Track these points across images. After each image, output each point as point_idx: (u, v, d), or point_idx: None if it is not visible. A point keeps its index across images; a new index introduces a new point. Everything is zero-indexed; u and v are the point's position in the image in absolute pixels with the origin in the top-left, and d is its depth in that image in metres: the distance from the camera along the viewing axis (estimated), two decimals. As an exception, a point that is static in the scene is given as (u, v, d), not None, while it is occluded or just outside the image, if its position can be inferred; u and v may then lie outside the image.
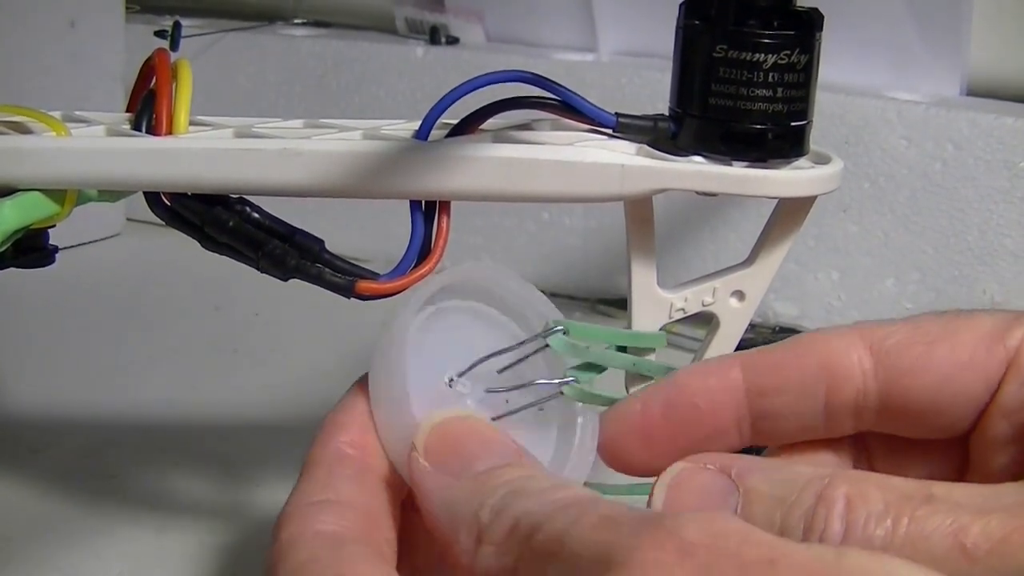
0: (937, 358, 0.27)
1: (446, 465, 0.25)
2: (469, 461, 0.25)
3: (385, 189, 0.33)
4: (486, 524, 0.23)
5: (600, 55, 0.72)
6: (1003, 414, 0.26)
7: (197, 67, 0.34)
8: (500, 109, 0.33)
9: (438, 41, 0.74)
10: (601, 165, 0.33)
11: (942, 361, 0.27)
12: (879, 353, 0.27)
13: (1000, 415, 0.26)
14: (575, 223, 0.70)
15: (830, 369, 0.27)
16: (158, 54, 0.34)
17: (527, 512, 0.23)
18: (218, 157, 0.33)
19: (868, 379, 0.27)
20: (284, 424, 0.54)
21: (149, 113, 0.34)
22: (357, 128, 0.35)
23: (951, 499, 0.23)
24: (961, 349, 0.26)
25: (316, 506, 0.26)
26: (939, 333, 0.27)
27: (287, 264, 0.33)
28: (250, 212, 0.34)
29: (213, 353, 0.63)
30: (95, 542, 0.45)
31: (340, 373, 0.60)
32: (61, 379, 0.59)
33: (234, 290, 0.67)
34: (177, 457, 0.51)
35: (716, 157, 0.33)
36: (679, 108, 0.34)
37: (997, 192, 0.60)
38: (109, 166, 0.33)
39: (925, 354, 0.27)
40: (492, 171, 0.32)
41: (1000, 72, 0.64)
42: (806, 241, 0.63)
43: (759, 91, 0.33)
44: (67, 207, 0.33)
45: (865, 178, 0.63)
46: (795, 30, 0.33)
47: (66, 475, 0.49)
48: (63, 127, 0.33)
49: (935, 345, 0.27)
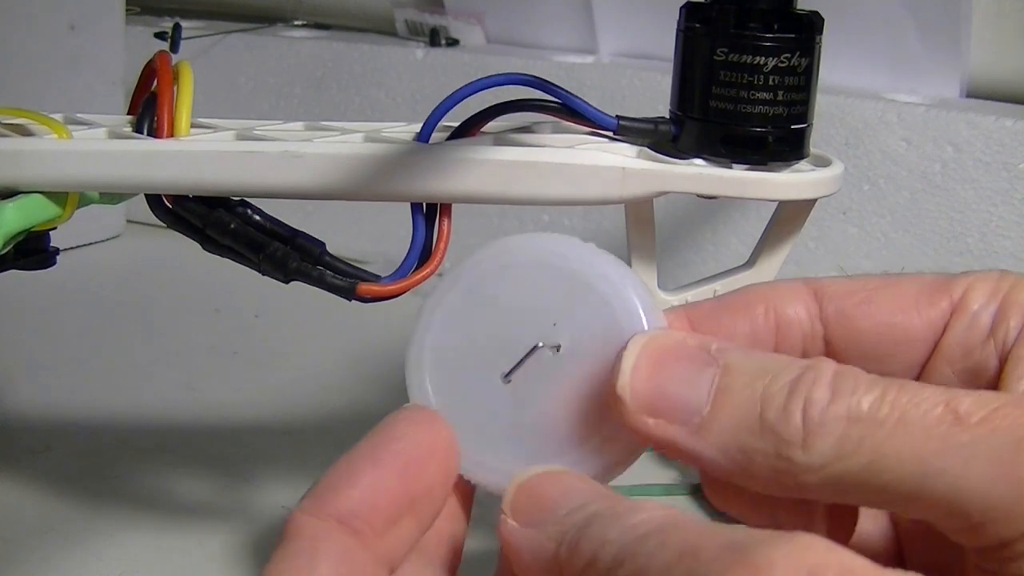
0: (880, 302, 0.26)
1: (530, 518, 0.24)
2: (552, 510, 0.24)
3: (386, 191, 0.33)
4: (564, 559, 0.22)
5: (600, 57, 0.72)
6: (947, 361, 0.26)
7: (197, 69, 0.34)
8: (501, 112, 0.33)
9: (438, 43, 0.74)
10: (602, 168, 0.33)
11: (885, 305, 0.26)
12: (823, 298, 0.27)
13: (944, 362, 0.26)
14: (575, 225, 0.70)
15: (777, 314, 0.27)
16: (159, 56, 0.34)
17: (604, 543, 0.22)
18: (219, 159, 0.33)
19: (815, 323, 0.27)
20: (284, 425, 0.54)
21: (150, 115, 0.34)
22: (358, 131, 0.35)
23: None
24: (904, 296, 0.26)
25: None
26: (882, 283, 0.27)
27: (288, 266, 0.33)
28: (251, 214, 0.34)
29: (213, 355, 0.63)
30: (95, 543, 0.45)
31: (340, 375, 0.61)
32: (61, 380, 0.59)
33: (234, 292, 0.67)
34: (177, 458, 0.51)
35: (717, 160, 0.33)
36: (680, 111, 0.34)
37: (997, 194, 0.60)
38: (110, 168, 0.33)
39: (868, 300, 0.26)
40: (493, 174, 0.32)
41: (999, 74, 0.64)
42: (806, 243, 0.63)
43: (759, 94, 0.33)
44: (68, 209, 0.33)
45: (865, 180, 0.63)
46: (795, 33, 0.33)
47: (66, 476, 0.49)
48: (64, 129, 0.33)
49: (878, 291, 0.26)
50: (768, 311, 0.27)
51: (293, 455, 0.51)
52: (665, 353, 0.24)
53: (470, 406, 0.26)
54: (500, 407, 0.26)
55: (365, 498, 0.24)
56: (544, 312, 0.26)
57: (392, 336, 0.36)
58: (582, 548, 0.22)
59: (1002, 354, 0.25)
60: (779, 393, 0.23)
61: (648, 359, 0.24)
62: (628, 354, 0.24)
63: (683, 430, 0.23)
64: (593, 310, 0.26)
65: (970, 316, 0.26)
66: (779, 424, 0.22)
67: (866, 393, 0.22)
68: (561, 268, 0.26)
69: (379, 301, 0.33)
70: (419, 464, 0.25)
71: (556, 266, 0.26)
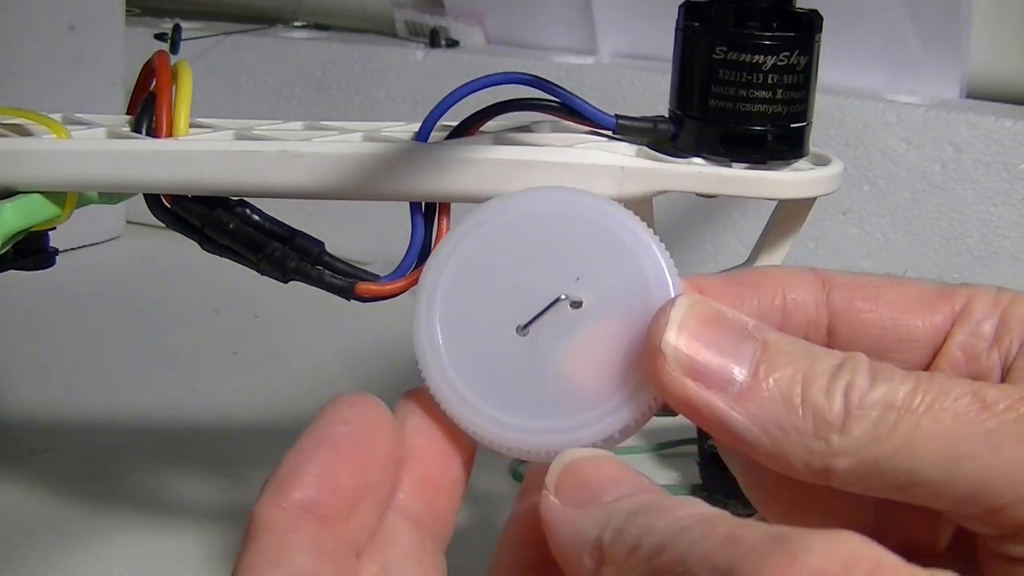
0: (887, 299, 0.27)
1: (575, 499, 0.24)
2: (597, 494, 0.24)
3: (385, 191, 0.33)
4: (608, 544, 0.22)
5: (600, 57, 0.72)
6: (950, 366, 0.26)
7: (197, 69, 0.34)
8: (500, 111, 0.33)
9: (438, 44, 0.74)
10: (601, 167, 0.33)
11: (891, 303, 0.27)
12: (832, 288, 0.27)
13: (948, 366, 0.26)
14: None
15: (785, 296, 0.27)
16: (158, 56, 0.34)
17: (649, 531, 0.22)
18: (218, 159, 0.33)
19: (820, 311, 0.27)
20: (284, 425, 0.54)
21: (149, 115, 0.34)
22: (357, 130, 0.35)
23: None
24: (909, 297, 0.27)
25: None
26: (888, 282, 0.27)
27: (287, 266, 0.33)
28: (250, 214, 0.34)
29: (213, 355, 0.63)
30: (95, 543, 0.45)
31: (340, 374, 0.61)
32: (61, 381, 0.59)
33: (234, 292, 0.67)
34: (177, 458, 0.51)
35: (716, 159, 0.33)
36: (679, 110, 0.34)
37: (996, 194, 0.60)
38: (109, 168, 0.33)
39: (875, 295, 0.27)
40: (492, 173, 0.32)
41: (999, 74, 0.64)
42: (806, 243, 0.63)
43: (759, 93, 0.33)
44: (67, 209, 0.33)
45: (865, 180, 0.63)
46: (795, 32, 0.33)
47: (66, 477, 0.49)
48: (63, 129, 0.33)
49: (885, 287, 0.27)
50: (777, 292, 0.27)
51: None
52: (710, 318, 0.24)
53: (482, 358, 0.25)
54: (514, 360, 0.25)
55: (324, 484, 0.23)
56: (567, 264, 0.25)
57: (392, 336, 0.36)
58: (627, 535, 0.22)
59: (1005, 364, 0.26)
60: (823, 375, 0.23)
61: (695, 320, 0.24)
62: (675, 313, 0.24)
63: (722, 396, 0.24)
64: (621, 268, 0.25)
65: (973, 324, 0.26)
66: (821, 405, 0.23)
67: (902, 383, 0.23)
68: (589, 221, 0.25)
69: (378, 301, 0.33)
70: (370, 446, 0.24)
71: (584, 218, 0.25)
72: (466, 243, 0.25)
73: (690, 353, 0.24)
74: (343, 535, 0.23)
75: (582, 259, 0.25)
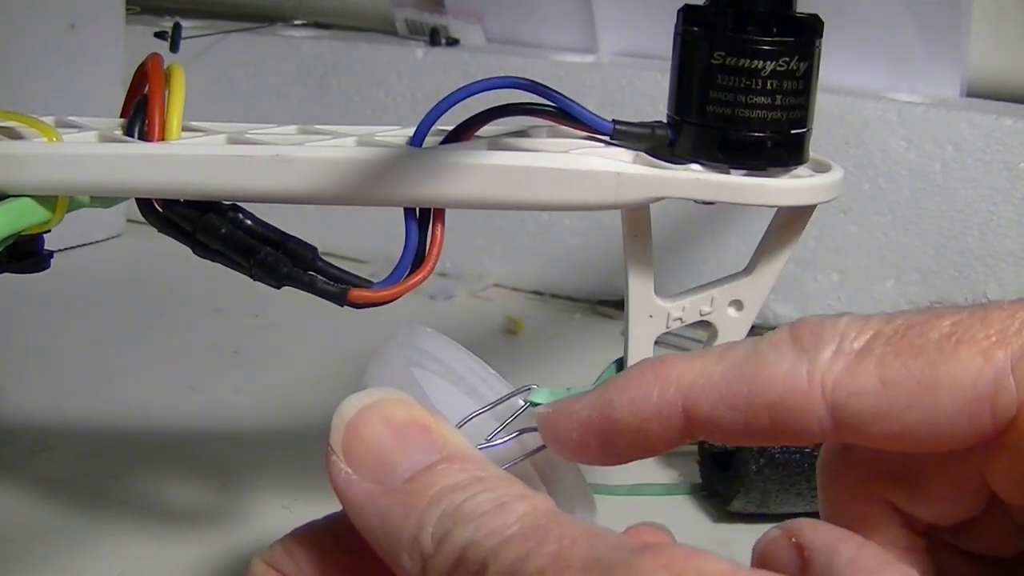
0: (911, 429, 0.24)
1: (369, 471, 0.23)
2: (391, 466, 0.23)
3: (378, 196, 0.33)
4: (430, 554, 0.22)
5: (600, 56, 0.71)
6: (1005, 504, 0.25)
7: (197, 68, 0.34)
8: (495, 116, 0.33)
9: (438, 42, 0.74)
10: (597, 173, 0.32)
11: (916, 432, 0.24)
12: (840, 413, 0.24)
13: (1002, 508, 0.25)
14: (576, 224, 0.70)
15: (784, 413, 0.25)
16: (151, 59, 0.34)
17: (473, 542, 0.21)
18: (210, 164, 0.32)
19: (827, 432, 0.25)
20: (284, 426, 0.54)
21: (142, 119, 0.34)
22: (351, 134, 0.34)
23: None
24: (940, 416, 0.23)
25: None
26: (913, 393, 0.23)
27: (279, 272, 0.33)
28: (242, 219, 0.34)
29: (213, 355, 0.63)
30: (95, 544, 0.45)
31: (340, 375, 0.61)
32: (61, 381, 0.59)
33: (234, 292, 0.67)
34: (177, 459, 0.51)
35: (714, 165, 0.33)
36: (677, 115, 0.34)
37: (997, 193, 0.60)
38: (100, 172, 0.32)
39: (896, 425, 0.24)
40: (486, 179, 0.32)
41: (1000, 73, 0.64)
42: (806, 242, 0.63)
43: (758, 98, 0.32)
44: (58, 213, 0.33)
45: (865, 179, 0.63)
46: (794, 37, 0.32)
47: (66, 477, 0.49)
48: (54, 133, 0.33)
49: (907, 412, 0.24)
50: (774, 409, 0.25)
51: (293, 455, 0.51)
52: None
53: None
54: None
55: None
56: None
57: (392, 336, 0.36)
58: (450, 546, 0.22)
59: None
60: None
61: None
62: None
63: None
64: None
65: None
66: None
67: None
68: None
69: (371, 307, 0.33)
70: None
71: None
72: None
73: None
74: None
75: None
